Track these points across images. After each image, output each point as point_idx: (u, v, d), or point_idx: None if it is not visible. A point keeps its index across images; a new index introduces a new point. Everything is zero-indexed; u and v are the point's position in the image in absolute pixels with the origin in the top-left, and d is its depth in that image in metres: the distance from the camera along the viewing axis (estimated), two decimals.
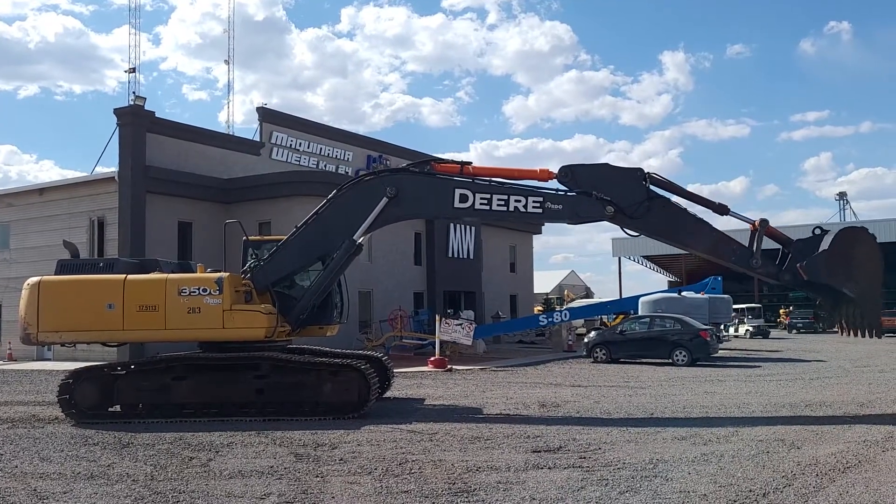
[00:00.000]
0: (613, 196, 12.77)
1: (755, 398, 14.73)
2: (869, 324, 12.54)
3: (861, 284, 12.32)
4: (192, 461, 9.10)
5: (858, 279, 12.30)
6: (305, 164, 34.16)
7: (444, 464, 8.74)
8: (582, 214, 13.12)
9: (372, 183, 13.55)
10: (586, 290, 77.35)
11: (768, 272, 12.98)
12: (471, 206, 13.17)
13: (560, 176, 13.08)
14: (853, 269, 12.24)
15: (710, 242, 13.16)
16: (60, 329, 12.77)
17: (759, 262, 12.75)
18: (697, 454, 9.13)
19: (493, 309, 37.39)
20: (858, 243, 12.43)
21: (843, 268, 12.21)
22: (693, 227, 13.09)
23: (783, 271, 12.75)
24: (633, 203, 12.77)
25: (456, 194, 13.12)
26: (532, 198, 13.06)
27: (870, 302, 12.46)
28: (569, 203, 13.02)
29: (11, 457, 9.52)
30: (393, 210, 13.37)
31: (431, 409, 13.95)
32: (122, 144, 26.30)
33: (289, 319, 13.32)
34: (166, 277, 12.87)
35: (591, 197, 12.82)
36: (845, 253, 12.22)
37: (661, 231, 13.29)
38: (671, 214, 13.03)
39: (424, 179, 13.58)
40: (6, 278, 28.75)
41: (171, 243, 26.80)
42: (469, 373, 21.24)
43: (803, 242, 12.73)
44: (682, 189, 13.31)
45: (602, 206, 12.75)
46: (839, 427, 11.01)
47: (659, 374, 20.21)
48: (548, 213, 13.14)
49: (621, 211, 12.76)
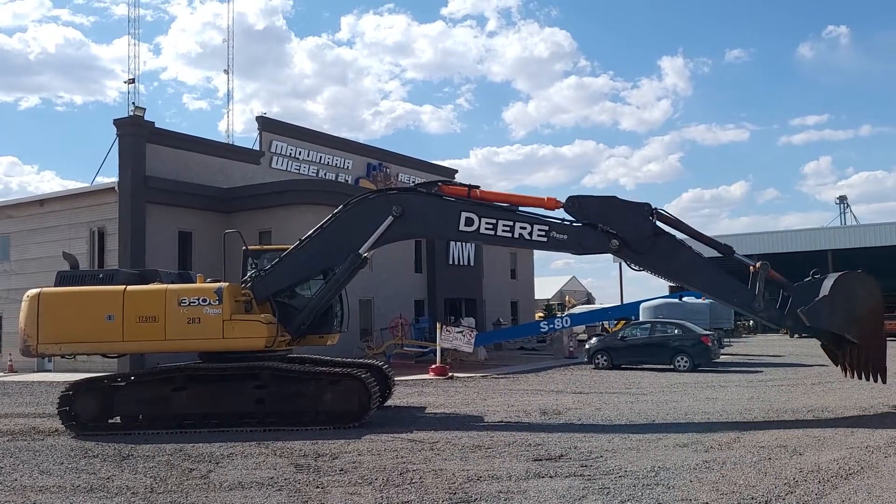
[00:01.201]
0: (619, 229, 12.81)
1: (757, 404, 14.69)
2: (874, 368, 12.54)
3: (864, 329, 12.36)
4: (192, 473, 9.07)
5: (861, 323, 12.35)
6: (305, 173, 34.22)
7: (445, 473, 8.71)
8: (586, 246, 13.17)
9: (378, 201, 13.56)
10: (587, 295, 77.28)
11: (770, 317, 13.03)
12: (476, 231, 13.17)
13: (567, 206, 13.11)
14: (855, 314, 12.31)
15: (713, 283, 13.24)
16: (60, 341, 12.76)
17: (762, 306, 12.79)
18: (699, 461, 9.09)
19: (493, 316, 37.36)
20: (859, 287, 12.53)
21: (844, 313, 12.29)
22: (697, 266, 13.13)
23: (785, 317, 12.83)
24: (639, 238, 12.79)
25: (462, 217, 13.14)
26: (538, 226, 13.10)
27: (874, 346, 12.47)
28: (574, 234, 13.06)
29: (11, 469, 9.49)
30: (398, 229, 13.39)
31: (432, 417, 13.92)
32: (122, 155, 26.37)
33: (289, 329, 13.31)
34: (166, 288, 12.86)
35: (597, 229, 12.87)
36: (846, 297, 12.29)
37: (665, 269, 13.33)
38: (675, 252, 13.05)
39: (431, 200, 13.58)
40: (6, 290, 28.76)
41: (172, 253, 26.82)
42: (470, 380, 21.20)
43: (803, 287, 12.81)
44: (689, 227, 13.36)
45: (607, 239, 12.79)
46: (841, 433, 10.97)
47: (660, 380, 20.16)
48: (552, 243, 13.15)
49: (626, 245, 12.79)
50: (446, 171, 45.05)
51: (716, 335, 25.81)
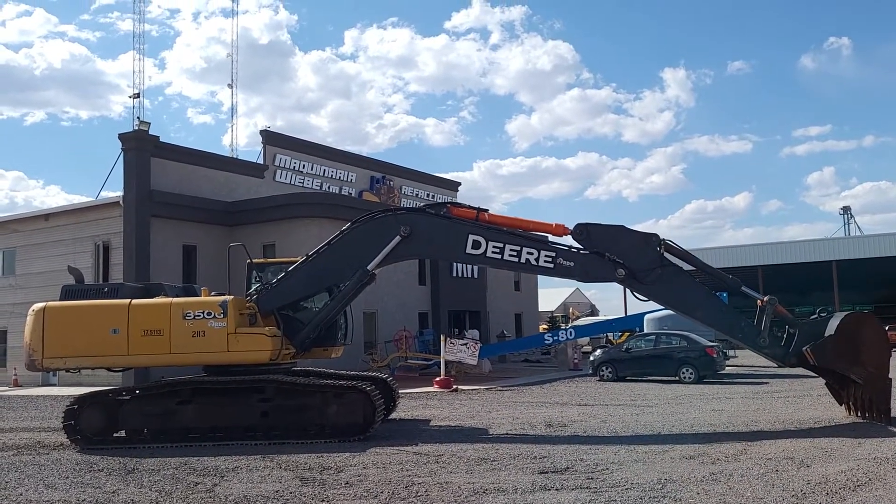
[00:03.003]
0: (626, 258, 12.87)
1: (763, 415, 14.62)
2: (878, 408, 12.53)
3: (868, 369, 12.40)
4: (198, 486, 9.05)
5: (866, 364, 12.40)
6: (309, 186, 34.33)
7: (450, 486, 8.68)
8: (592, 274, 13.23)
9: (387, 220, 13.59)
10: (591, 307, 77.12)
11: (775, 353, 13.01)
12: (483, 254, 13.20)
13: (575, 233, 13.15)
14: (860, 354, 12.37)
15: (718, 317, 13.28)
16: (65, 355, 12.78)
17: (767, 342, 12.83)
18: (706, 473, 9.05)
19: (497, 328, 37.31)
20: (865, 328, 12.59)
21: (849, 352, 12.36)
22: (703, 300, 13.16)
23: (790, 354, 12.82)
24: (645, 268, 12.83)
25: (469, 240, 13.17)
26: (545, 252, 13.14)
27: (878, 387, 12.48)
28: (581, 262, 13.10)
29: (17, 484, 9.48)
30: (405, 249, 13.44)
31: (437, 430, 13.88)
32: (127, 169, 26.50)
33: (294, 343, 13.31)
34: (171, 301, 12.90)
35: (604, 258, 12.94)
36: (852, 337, 12.38)
37: (670, 300, 13.39)
38: (682, 284, 13.09)
39: (439, 222, 13.61)
40: (11, 304, 28.80)
41: (176, 267, 26.88)
42: (475, 393, 21.15)
43: (809, 325, 12.87)
44: (697, 259, 13.42)
45: (613, 268, 12.85)
46: (849, 444, 10.90)
47: (666, 391, 20.09)
48: (558, 269, 13.18)
49: (632, 275, 12.84)
50: (450, 183, 45.14)
51: (720, 346, 25.71)
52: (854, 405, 13.10)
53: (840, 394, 13.46)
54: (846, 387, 13.08)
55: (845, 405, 13.43)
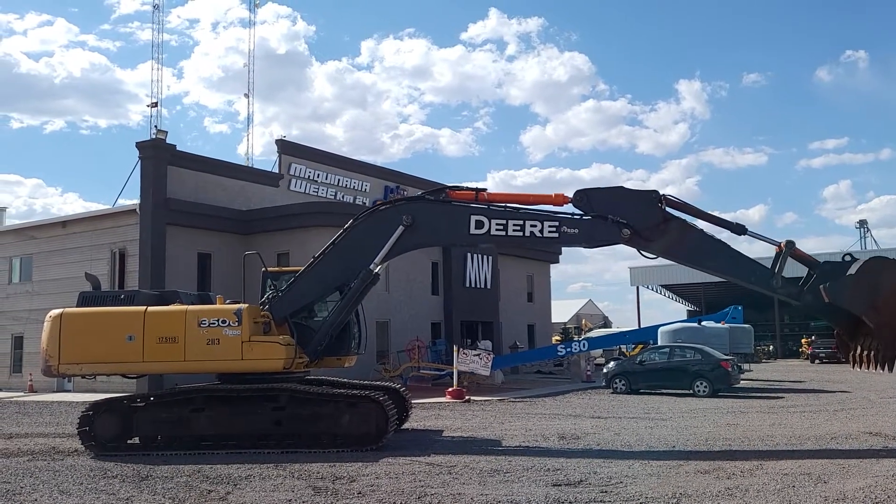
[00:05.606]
0: (629, 219, 12.77)
1: (779, 430, 14.48)
2: (884, 356, 12.21)
3: (882, 315, 12.10)
4: (211, 494, 9.07)
5: (880, 309, 12.09)
6: (323, 195, 34.45)
7: (463, 497, 8.65)
8: (598, 238, 13.13)
9: (388, 212, 13.62)
10: (604, 319, 76.90)
11: (789, 293, 12.75)
12: (487, 233, 13.19)
13: (575, 200, 13.09)
14: (877, 299, 12.03)
15: (728, 263, 13.00)
16: (81, 361, 12.86)
17: (780, 283, 12.59)
18: (721, 488, 8.96)
19: (510, 339, 37.20)
20: (886, 273, 12.21)
21: (866, 295, 11.99)
22: (711, 247, 12.95)
23: (804, 292, 12.53)
24: (649, 225, 12.75)
25: (472, 221, 13.16)
26: (548, 222, 13.07)
27: (887, 335, 12.21)
28: (585, 227, 13.03)
29: (31, 490, 9.53)
30: (409, 238, 13.42)
31: (450, 440, 13.84)
32: (144, 177, 26.71)
33: (307, 350, 13.34)
34: (186, 309, 12.96)
35: (607, 220, 12.83)
36: (872, 281, 12.02)
37: (679, 253, 13.20)
38: (688, 236, 12.94)
39: (440, 207, 13.64)
40: (28, 310, 29.06)
41: (192, 275, 27.01)
42: (487, 404, 21.08)
43: (831, 265, 12.58)
44: (698, 210, 13.21)
45: (618, 228, 12.75)
46: (867, 461, 10.78)
47: (680, 405, 19.94)
48: (564, 238, 13.15)
49: (637, 233, 12.74)
50: None
51: (735, 360, 25.50)
52: (861, 356, 12.55)
53: (849, 345, 12.90)
54: (855, 337, 12.59)
55: (851, 358, 12.85)
